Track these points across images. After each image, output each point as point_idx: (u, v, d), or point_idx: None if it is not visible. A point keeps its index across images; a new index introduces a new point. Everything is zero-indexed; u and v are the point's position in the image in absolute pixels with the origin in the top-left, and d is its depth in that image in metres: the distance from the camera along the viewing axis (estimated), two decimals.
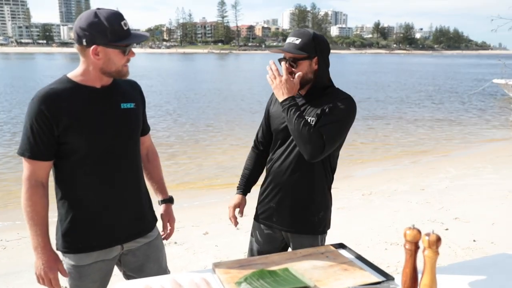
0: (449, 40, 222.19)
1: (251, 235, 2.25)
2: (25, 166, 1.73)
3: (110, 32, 1.66)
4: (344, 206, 5.71)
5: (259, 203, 2.21)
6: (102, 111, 1.77)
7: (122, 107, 1.84)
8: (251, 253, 2.25)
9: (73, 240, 1.82)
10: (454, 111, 16.08)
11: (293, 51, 1.95)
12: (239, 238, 4.32)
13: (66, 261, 1.83)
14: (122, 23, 1.69)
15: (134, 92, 1.95)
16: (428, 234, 1.28)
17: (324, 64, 2.01)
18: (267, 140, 2.23)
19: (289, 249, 2.19)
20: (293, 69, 1.98)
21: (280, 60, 2.03)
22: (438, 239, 1.26)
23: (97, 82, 1.77)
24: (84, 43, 1.67)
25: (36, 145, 1.69)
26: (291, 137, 2.00)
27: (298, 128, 1.87)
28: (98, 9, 1.70)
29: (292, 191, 2.07)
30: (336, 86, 2.09)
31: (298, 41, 1.97)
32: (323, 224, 2.12)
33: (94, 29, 1.65)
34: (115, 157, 1.82)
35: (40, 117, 1.66)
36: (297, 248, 2.07)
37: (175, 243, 4.37)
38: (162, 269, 2.07)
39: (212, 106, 16.53)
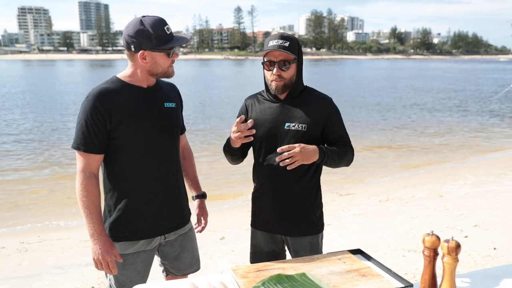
0: (467, 45, 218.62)
1: (252, 241, 2.24)
2: (79, 159, 1.85)
3: (155, 37, 1.79)
4: (361, 212, 5.66)
5: (255, 211, 2.20)
6: (149, 109, 1.91)
7: (166, 106, 1.98)
8: (254, 256, 2.23)
9: (120, 229, 1.94)
10: (477, 117, 15.80)
11: (289, 53, 1.93)
12: None
13: None
14: (165, 28, 1.82)
15: (174, 93, 2.10)
16: (447, 241, 1.27)
17: (302, 67, 2.08)
18: (246, 143, 2.19)
19: (287, 252, 2.23)
20: (282, 72, 1.98)
21: (266, 64, 2.00)
22: (458, 246, 1.26)
23: (144, 82, 1.92)
24: (133, 49, 1.82)
25: (91, 139, 1.82)
26: (283, 144, 2.00)
27: (342, 160, 2.03)
28: (143, 16, 1.83)
29: (288, 195, 2.09)
30: (315, 89, 2.13)
31: (287, 44, 1.95)
32: (321, 222, 2.18)
33: (140, 36, 1.79)
34: (159, 152, 1.94)
35: (95, 113, 1.79)
36: (296, 250, 2.12)
37: None
38: (195, 259, 2.20)
39: (226, 113, 16.60)
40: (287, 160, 1.86)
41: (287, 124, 2.03)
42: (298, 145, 1.88)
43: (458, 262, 1.28)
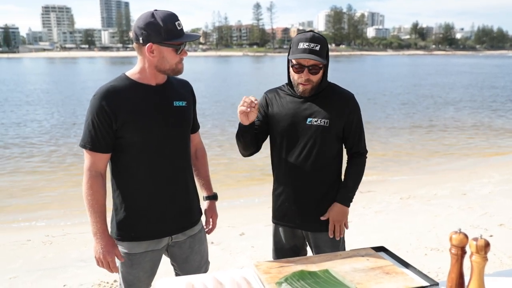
0: (492, 40, 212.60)
1: (274, 237, 2.25)
2: (86, 157, 1.85)
3: (164, 31, 1.76)
4: (382, 209, 5.60)
5: (277, 207, 2.19)
6: (157, 108, 1.87)
7: (175, 105, 1.94)
8: (276, 252, 2.25)
9: (126, 229, 1.93)
10: (506, 113, 15.37)
11: (320, 60, 1.93)
12: None
13: (119, 248, 1.93)
14: (176, 23, 1.79)
15: (185, 91, 2.05)
16: (476, 239, 1.24)
17: (328, 66, 2.06)
18: (262, 135, 2.19)
19: (308, 248, 2.25)
20: (311, 76, 1.97)
21: (295, 67, 1.98)
22: (487, 244, 1.23)
23: (152, 80, 1.88)
24: (141, 41, 1.79)
25: (97, 138, 1.81)
26: (305, 139, 2.03)
27: (359, 182, 2.16)
28: (156, 10, 1.80)
29: (310, 190, 2.09)
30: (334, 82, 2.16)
31: (318, 47, 1.94)
32: None
33: (150, 28, 1.76)
34: (166, 152, 1.91)
35: (100, 112, 1.78)
36: (318, 245, 2.13)
37: (212, 243, 4.42)
38: (204, 260, 2.16)
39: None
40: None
41: (309, 120, 2.03)
42: (337, 221, 2.10)
43: (487, 261, 1.25)
